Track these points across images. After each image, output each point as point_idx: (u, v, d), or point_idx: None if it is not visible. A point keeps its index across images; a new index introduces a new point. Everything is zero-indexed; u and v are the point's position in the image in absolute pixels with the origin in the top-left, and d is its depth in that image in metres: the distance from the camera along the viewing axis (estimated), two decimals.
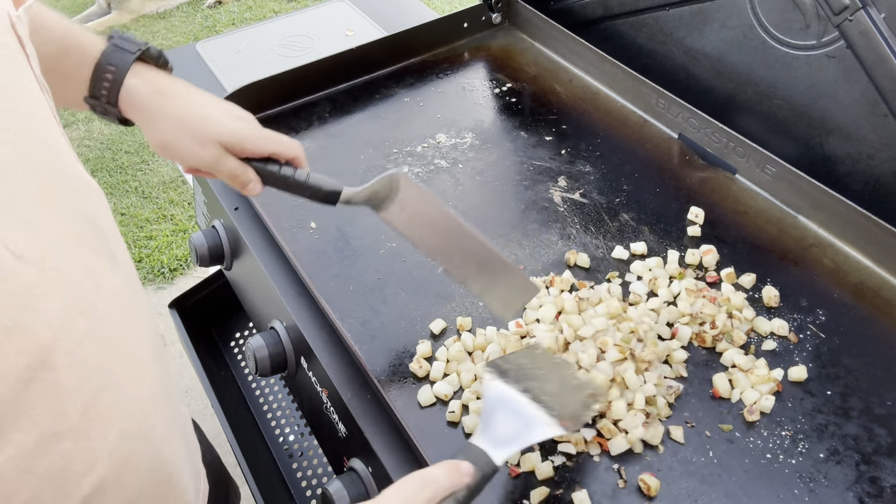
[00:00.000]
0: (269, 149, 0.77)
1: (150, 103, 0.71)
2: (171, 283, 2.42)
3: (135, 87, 0.71)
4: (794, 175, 1.06)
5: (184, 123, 0.72)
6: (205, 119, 0.73)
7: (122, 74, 0.70)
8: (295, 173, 0.79)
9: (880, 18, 0.94)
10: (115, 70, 0.69)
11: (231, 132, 0.74)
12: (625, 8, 1.32)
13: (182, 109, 0.72)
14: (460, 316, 0.95)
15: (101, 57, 0.69)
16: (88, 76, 0.69)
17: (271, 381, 1.42)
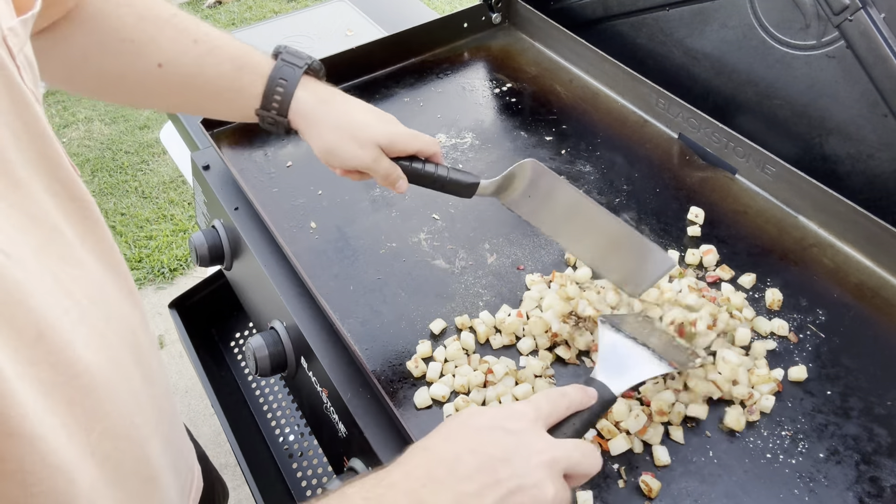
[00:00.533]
0: (415, 147, 0.83)
1: (316, 113, 0.78)
2: (171, 283, 2.42)
3: (303, 99, 0.78)
4: (794, 175, 1.06)
5: (346, 129, 0.79)
6: (363, 124, 0.80)
7: (292, 88, 0.77)
8: (437, 170, 0.85)
9: (880, 18, 0.94)
10: (286, 84, 0.77)
11: (386, 134, 0.81)
12: (625, 8, 1.32)
13: (343, 117, 0.80)
14: (458, 316, 0.95)
15: (273, 72, 0.77)
16: (261, 91, 0.76)
17: (271, 381, 1.42)
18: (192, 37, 0.75)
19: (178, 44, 0.74)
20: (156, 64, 0.74)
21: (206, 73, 0.76)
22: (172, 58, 0.74)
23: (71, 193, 0.52)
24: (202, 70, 0.76)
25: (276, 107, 0.77)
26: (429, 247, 1.05)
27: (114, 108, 3.21)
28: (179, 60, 0.75)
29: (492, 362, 0.88)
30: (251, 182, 1.16)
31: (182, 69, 0.75)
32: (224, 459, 1.92)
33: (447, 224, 1.09)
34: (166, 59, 0.74)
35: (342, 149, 0.79)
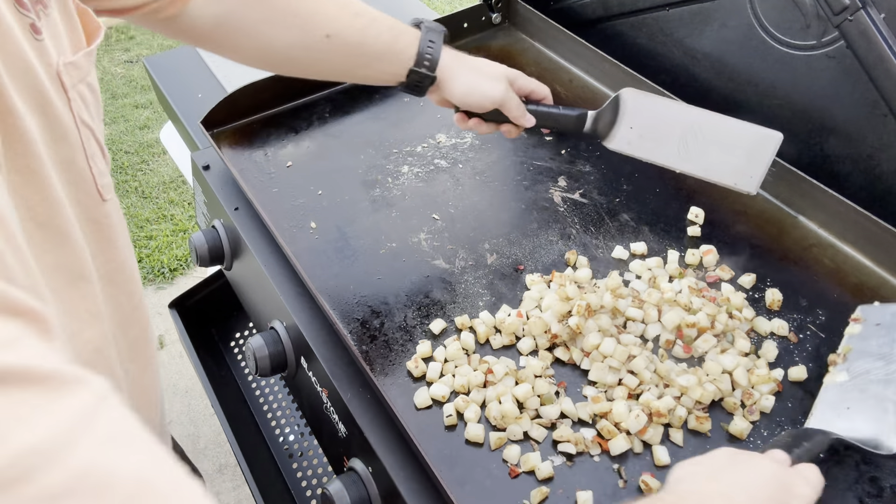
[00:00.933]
0: (532, 85, 0.94)
1: (455, 64, 0.90)
2: (171, 283, 2.42)
3: (445, 54, 0.89)
4: (794, 175, 1.06)
5: (479, 71, 0.91)
6: (491, 66, 0.92)
7: (439, 48, 0.88)
8: (549, 107, 0.95)
9: (880, 18, 0.94)
10: (434, 45, 0.88)
11: (510, 70, 0.93)
12: (625, 8, 1.32)
13: (475, 64, 0.92)
14: (457, 316, 0.95)
15: (423, 37, 0.87)
16: (415, 52, 0.87)
17: (271, 381, 1.42)
18: (353, 10, 0.85)
19: (342, 17, 0.84)
20: (323, 34, 0.83)
21: (368, 41, 0.85)
22: (338, 29, 0.83)
23: (90, 215, 0.56)
24: (365, 39, 0.85)
25: (427, 64, 0.87)
26: (429, 247, 1.05)
27: (114, 108, 3.21)
28: (345, 32, 0.84)
29: (492, 362, 0.88)
30: (251, 182, 1.16)
31: (348, 38, 0.84)
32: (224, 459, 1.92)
33: (447, 224, 1.09)
34: (333, 31, 0.83)
35: (480, 85, 0.89)
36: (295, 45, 0.84)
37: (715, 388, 0.83)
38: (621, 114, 0.93)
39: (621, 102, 0.93)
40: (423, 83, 0.89)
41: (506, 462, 0.80)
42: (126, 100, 3.25)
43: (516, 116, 0.92)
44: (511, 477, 0.79)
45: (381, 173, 1.18)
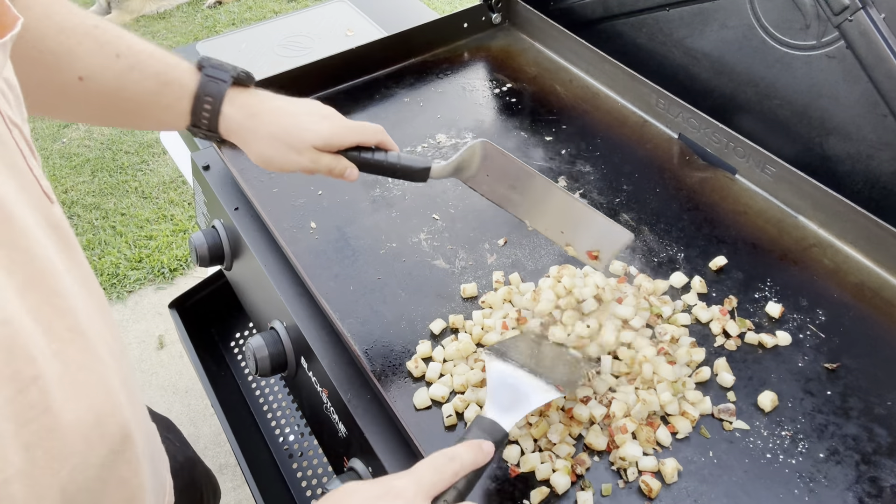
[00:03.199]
0: (354, 139, 0.83)
1: (247, 127, 0.78)
2: (171, 283, 2.42)
3: (231, 116, 0.78)
4: (794, 175, 1.06)
5: (279, 139, 0.79)
6: (297, 129, 0.79)
7: (218, 105, 0.77)
8: (386, 157, 0.85)
9: (880, 18, 0.94)
10: (213, 101, 0.76)
11: (321, 135, 0.80)
12: (625, 8, 1.32)
13: (275, 125, 0.79)
14: (455, 315, 0.95)
15: (198, 90, 0.76)
16: (189, 108, 0.76)
17: (271, 381, 1.42)
18: (115, 50, 0.73)
19: (100, 57, 0.72)
20: (76, 77, 0.72)
21: (129, 89, 0.74)
22: (94, 72, 0.72)
23: (49, 220, 0.51)
24: (125, 86, 0.74)
25: (206, 124, 0.77)
26: (429, 247, 1.05)
27: None
28: (101, 75, 0.73)
29: None
30: (251, 182, 1.16)
31: (104, 84, 0.73)
32: (224, 459, 1.92)
33: (447, 224, 1.09)
34: (87, 73, 0.72)
35: (278, 158, 0.79)
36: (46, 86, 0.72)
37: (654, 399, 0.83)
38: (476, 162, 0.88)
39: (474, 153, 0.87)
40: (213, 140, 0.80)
41: (506, 462, 0.80)
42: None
43: (337, 175, 0.83)
44: (511, 477, 0.79)
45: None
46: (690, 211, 1.10)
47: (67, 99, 0.74)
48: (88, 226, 2.61)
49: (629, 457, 0.78)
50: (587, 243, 0.90)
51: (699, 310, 0.94)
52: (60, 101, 0.75)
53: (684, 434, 0.82)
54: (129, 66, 0.74)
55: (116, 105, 0.75)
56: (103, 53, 0.73)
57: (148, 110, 0.76)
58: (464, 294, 0.97)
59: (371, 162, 0.85)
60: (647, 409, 0.82)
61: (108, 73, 0.73)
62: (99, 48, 0.73)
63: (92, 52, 0.72)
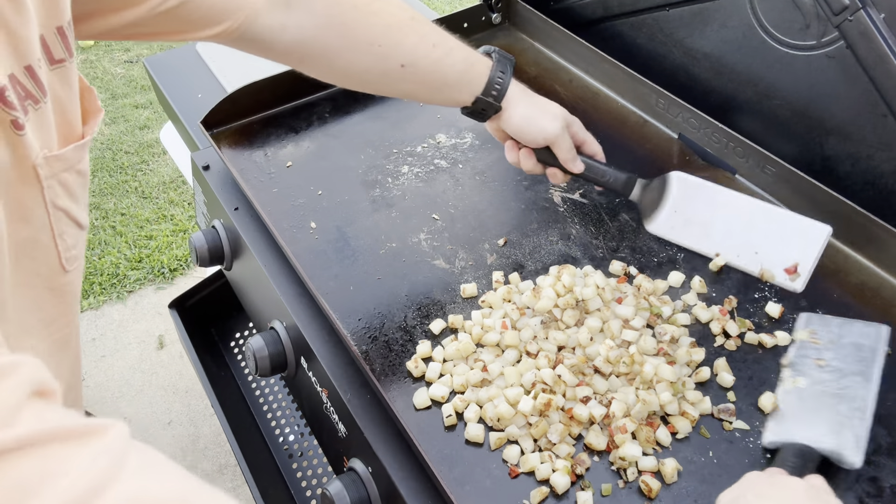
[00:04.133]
0: (586, 136, 0.96)
1: (519, 97, 0.91)
2: (171, 283, 2.42)
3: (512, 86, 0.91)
4: (794, 175, 1.06)
5: (540, 106, 0.92)
6: (550, 104, 0.93)
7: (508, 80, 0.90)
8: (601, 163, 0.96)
9: (880, 18, 0.94)
10: (504, 76, 0.89)
11: (569, 114, 0.94)
12: (625, 8, 1.32)
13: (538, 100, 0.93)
14: (454, 315, 0.95)
15: (493, 68, 0.89)
16: (485, 82, 0.89)
17: (271, 381, 1.42)
18: (432, 41, 0.86)
19: (421, 48, 0.85)
20: (399, 64, 0.85)
21: (442, 71, 0.87)
22: (415, 60, 0.85)
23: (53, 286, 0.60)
24: (439, 68, 0.87)
25: (495, 94, 0.89)
26: (429, 247, 1.05)
27: (114, 108, 3.21)
28: (421, 62, 0.86)
29: (487, 360, 0.88)
30: (251, 182, 1.16)
31: (423, 68, 0.86)
32: (224, 459, 1.92)
33: (447, 224, 1.09)
34: (409, 61, 0.85)
35: (537, 119, 0.91)
36: (371, 71, 0.86)
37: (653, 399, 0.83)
38: (667, 196, 0.95)
39: (669, 184, 0.94)
40: (488, 111, 0.91)
41: (505, 462, 0.80)
42: (126, 100, 3.25)
43: (566, 159, 0.93)
44: (511, 477, 0.79)
45: (381, 173, 1.18)
46: None
47: (387, 81, 0.88)
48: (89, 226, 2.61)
49: (629, 457, 0.78)
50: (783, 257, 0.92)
51: (699, 310, 0.94)
52: (379, 82, 0.89)
53: (684, 434, 0.82)
54: (444, 53, 0.86)
55: (429, 83, 0.88)
56: (423, 44, 0.85)
57: (454, 85, 0.89)
58: (464, 294, 0.97)
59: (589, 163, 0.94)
60: (647, 409, 0.82)
61: (427, 60, 0.86)
62: (419, 40, 0.85)
63: (415, 43, 0.85)
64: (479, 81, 0.89)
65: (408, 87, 0.90)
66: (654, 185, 0.95)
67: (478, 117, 0.93)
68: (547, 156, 0.93)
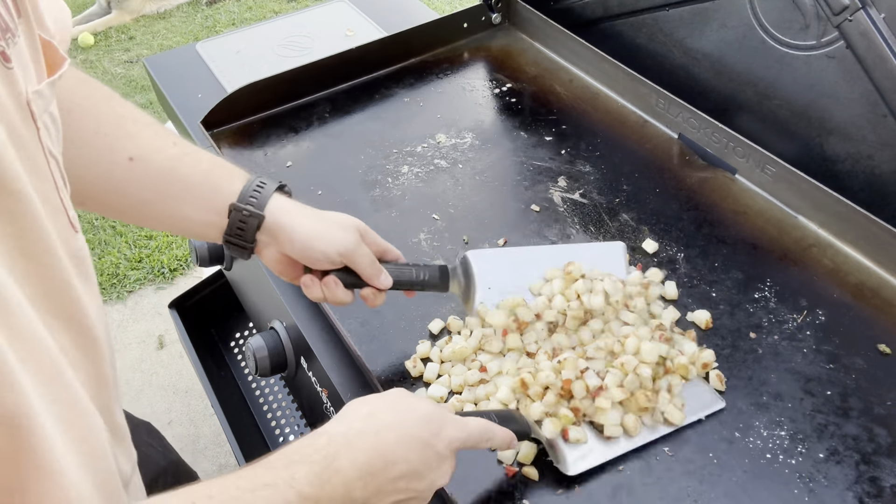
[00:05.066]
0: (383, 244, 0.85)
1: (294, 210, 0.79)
2: (171, 283, 2.42)
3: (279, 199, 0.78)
4: (794, 175, 1.06)
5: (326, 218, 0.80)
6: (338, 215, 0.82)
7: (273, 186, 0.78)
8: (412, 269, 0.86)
9: (880, 18, 0.94)
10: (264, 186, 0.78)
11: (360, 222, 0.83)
12: (625, 8, 1.32)
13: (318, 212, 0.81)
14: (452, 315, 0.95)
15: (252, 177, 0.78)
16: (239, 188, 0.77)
17: (271, 381, 1.42)
18: (172, 140, 0.77)
19: (157, 142, 0.75)
20: (127, 158, 0.74)
21: (181, 169, 0.75)
22: (147, 153, 0.74)
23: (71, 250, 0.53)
24: (177, 165, 0.75)
25: (255, 200, 0.76)
26: (429, 247, 1.05)
27: None
28: (155, 156, 0.75)
29: (485, 360, 0.88)
30: None
31: (156, 164, 0.75)
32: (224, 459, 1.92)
33: (447, 224, 1.09)
34: (140, 155, 0.74)
35: (325, 233, 0.78)
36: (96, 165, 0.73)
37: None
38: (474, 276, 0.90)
39: (469, 266, 0.89)
40: (248, 225, 0.76)
41: (501, 462, 0.80)
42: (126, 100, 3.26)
43: (370, 275, 0.81)
44: (508, 477, 0.79)
45: (381, 173, 1.18)
46: (690, 211, 1.10)
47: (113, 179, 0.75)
48: (88, 226, 2.61)
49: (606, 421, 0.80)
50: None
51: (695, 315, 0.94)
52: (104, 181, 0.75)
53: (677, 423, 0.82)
54: (183, 153, 0.76)
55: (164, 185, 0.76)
56: (162, 140, 0.76)
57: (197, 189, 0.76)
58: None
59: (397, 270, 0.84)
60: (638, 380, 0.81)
61: (162, 154, 0.75)
62: (156, 136, 0.76)
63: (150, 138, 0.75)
64: (230, 186, 0.76)
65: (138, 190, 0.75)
66: (459, 271, 0.89)
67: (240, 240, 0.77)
68: (350, 277, 0.80)
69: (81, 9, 4.00)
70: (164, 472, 1.02)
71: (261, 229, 0.77)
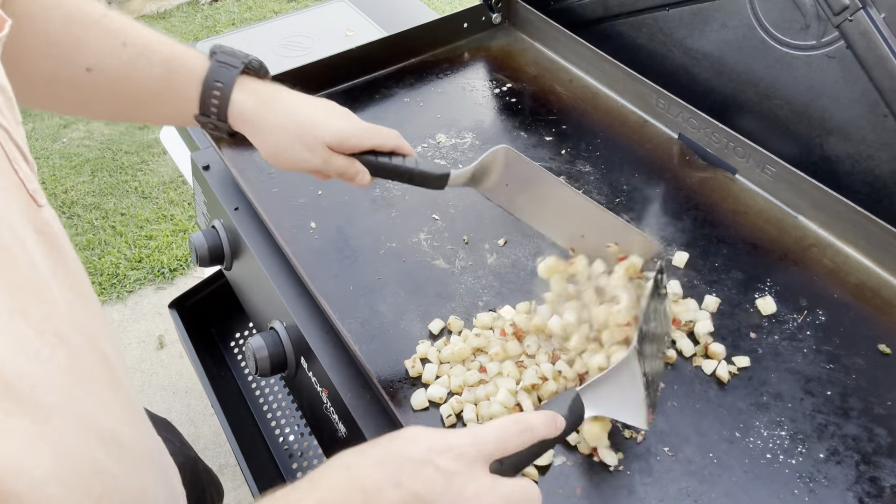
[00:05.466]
0: (370, 143, 0.79)
1: (258, 115, 0.74)
2: (171, 283, 2.42)
3: (242, 102, 0.74)
4: (794, 175, 1.06)
5: (291, 131, 0.75)
6: (309, 124, 0.76)
7: (228, 90, 0.73)
8: (403, 162, 0.81)
9: (880, 18, 0.94)
10: (222, 87, 0.72)
11: (334, 133, 0.76)
12: (625, 8, 1.32)
13: (288, 117, 0.75)
14: (453, 316, 0.95)
15: (207, 75, 0.72)
16: (197, 95, 0.72)
17: (271, 381, 1.42)
18: (122, 38, 0.71)
19: (107, 46, 0.70)
20: (84, 68, 0.69)
21: (136, 77, 0.71)
22: (101, 61, 0.70)
23: (34, 225, 0.50)
24: (132, 73, 0.71)
25: (215, 111, 0.73)
26: (429, 247, 1.05)
27: None
28: (108, 63, 0.70)
29: (484, 361, 0.88)
30: (251, 182, 1.16)
31: (111, 72, 0.70)
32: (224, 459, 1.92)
33: (447, 224, 1.09)
34: (94, 63, 0.69)
35: (288, 152, 0.75)
36: (56, 80, 0.70)
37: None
38: (496, 169, 0.85)
39: (495, 159, 0.85)
40: (221, 132, 0.75)
41: None
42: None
43: (348, 179, 0.79)
44: None
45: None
46: (690, 211, 1.10)
47: (76, 92, 0.72)
48: (88, 226, 2.61)
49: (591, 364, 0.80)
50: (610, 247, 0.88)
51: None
52: (69, 95, 0.72)
53: None
54: (136, 54, 0.70)
55: (125, 95, 0.72)
56: (110, 42, 0.70)
57: (157, 98, 0.73)
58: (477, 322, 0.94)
59: (387, 167, 0.81)
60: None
61: (115, 61, 0.70)
62: (106, 36, 0.70)
63: (99, 40, 0.70)
64: (187, 94, 0.72)
65: (106, 100, 0.72)
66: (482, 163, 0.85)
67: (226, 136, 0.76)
68: None
69: None
70: (182, 468, 1.01)
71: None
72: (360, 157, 0.80)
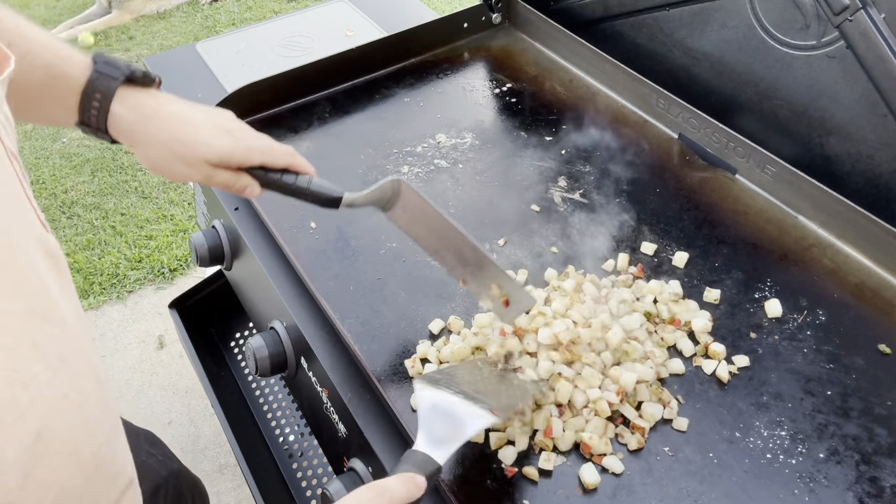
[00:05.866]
0: (258, 161, 0.78)
1: (136, 130, 0.73)
2: (171, 283, 2.42)
3: (120, 115, 0.72)
4: (794, 175, 1.06)
5: (170, 147, 0.73)
6: (191, 141, 0.74)
7: (107, 102, 0.71)
8: (295, 181, 0.80)
9: (880, 18, 0.94)
10: (101, 98, 0.71)
11: (217, 152, 0.75)
12: (625, 8, 1.32)
13: (168, 133, 0.73)
14: (454, 315, 0.94)
15: (87, 85, 0.70)
16: (76, 104, 0.70)
17: (271, 381, 1.42)
18: (8, 39, 0.68)
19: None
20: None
21: (18, 80, 0.66)
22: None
23: (45, 249, 0.50)
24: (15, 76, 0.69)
25: (94, 122, 0.71)
26: None
27: None
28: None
29: None
30: None
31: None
32: (224, 459, 1.92)
33: None
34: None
35: (169, 167, 0.74)
36: None
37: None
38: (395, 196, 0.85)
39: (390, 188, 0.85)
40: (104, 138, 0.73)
41: (501, 462, 0.80)
42: None
43: (236, 192, 0.78)
44: (508, 477, 0.79)
45: (381, 173, 1.18)
46: (690, 211, 1.10)
47: None
48: (88, 226, 2.61)
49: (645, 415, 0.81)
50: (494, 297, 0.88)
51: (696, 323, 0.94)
52: None
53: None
54: (19, 56, 0.67)
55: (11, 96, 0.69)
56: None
57: (40, 103, 0.70)
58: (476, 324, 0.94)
59: (278, 183, 0.79)
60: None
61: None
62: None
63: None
64: (68, 103, 0.70)
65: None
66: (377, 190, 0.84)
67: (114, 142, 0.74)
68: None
69: (81, 8, 4.00)
70: (164, 482, 1.01)
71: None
72: (249, 171, 0.79)
